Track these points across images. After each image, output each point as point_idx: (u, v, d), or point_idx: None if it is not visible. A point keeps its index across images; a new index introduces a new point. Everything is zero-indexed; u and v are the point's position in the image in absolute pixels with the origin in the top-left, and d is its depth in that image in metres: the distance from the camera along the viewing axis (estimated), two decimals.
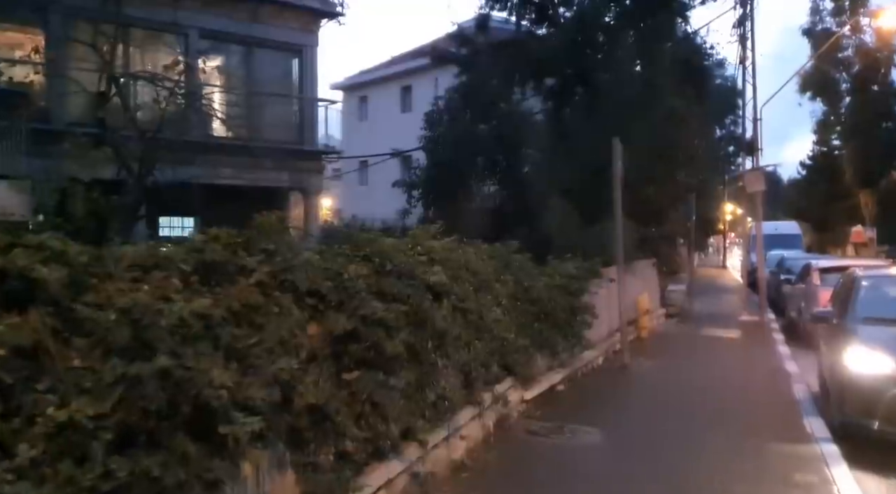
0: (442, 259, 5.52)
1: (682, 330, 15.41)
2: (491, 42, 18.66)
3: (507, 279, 7.08)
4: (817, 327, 9.94)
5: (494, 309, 6.24)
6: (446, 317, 5.15)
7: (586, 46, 17.65)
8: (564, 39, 17.04)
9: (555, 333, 8.50)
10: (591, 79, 17.15)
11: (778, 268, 20.90)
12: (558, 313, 8.42)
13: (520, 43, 18.34)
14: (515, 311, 7.32)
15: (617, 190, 10.92)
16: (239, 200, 17.19)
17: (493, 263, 6.83)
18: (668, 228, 16.72)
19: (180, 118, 15.62)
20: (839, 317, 8.41)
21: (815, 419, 7.97)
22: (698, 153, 16.78)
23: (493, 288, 6.47)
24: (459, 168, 15.70)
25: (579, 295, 9.57)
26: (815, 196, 48.94)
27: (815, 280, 14.48)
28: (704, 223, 34.16)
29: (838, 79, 43.10)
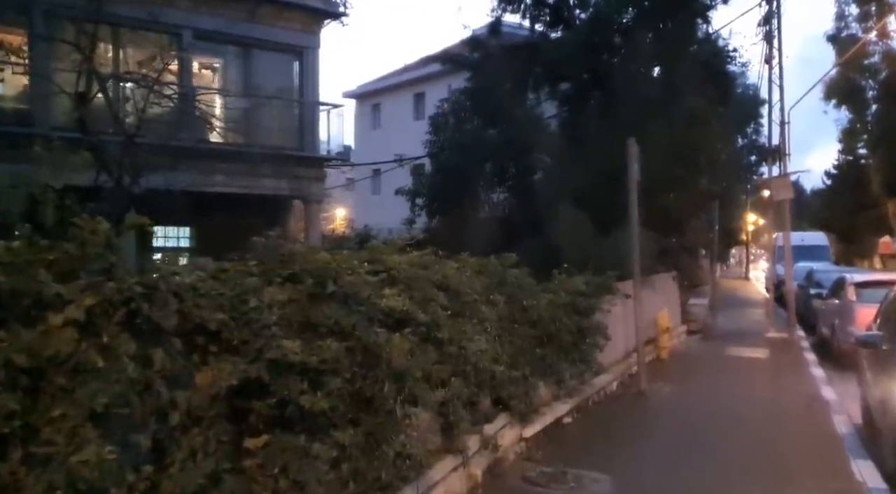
0: (407, 277, 4.38)
1: (705, 349, 14.09)
2: (504, 45, 17.62)
3: (500, 298, 5.90)
4: (860, 350, 8.68)
5: (478, 338, 5.06)
6: (411, 351, 4.02)
7: (602, 49, 16.50)
8: (579, 41, 15.89)
9: (560, 358, 7.31)
10: (607, 80, 15.98)
11: (806, 282, 19.47)
12: (564, 335, 7.23)
13: (533, 46, 17.27)
14: (511, 335, 6.15)
15: (633, 195, 9.71)
16: (237, 209, 16.27)
17: (481, 280, 5.67)
18: (689, 238, 15.41)
19: (171, 121, 14.72)
20: (890, 342, 7.14)
21: (864, 463, 6.69)
22: (721, 158, 15.48)
23: (480, 312, 5.30)
24: (466, 174, 14.55)
25: (589, 314, 8.37)
26: (840, 206, 47.15)
27: (850, 295, 13.13)
28: (727, 233, 32.72)
29: (865, 86, 41.38)
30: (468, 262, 5.76)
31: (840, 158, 47.96)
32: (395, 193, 16.32)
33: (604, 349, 9.06)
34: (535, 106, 16.93)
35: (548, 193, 13.88)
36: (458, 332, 4.71)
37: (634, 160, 9.57)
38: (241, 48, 15.88)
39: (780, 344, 15.01)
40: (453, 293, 5.00)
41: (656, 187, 14.05)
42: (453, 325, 4.69)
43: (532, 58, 16.90)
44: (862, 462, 6.72)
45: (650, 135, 13.14)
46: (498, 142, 15.43)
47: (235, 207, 15.37)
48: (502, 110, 15.61)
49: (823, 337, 15.07)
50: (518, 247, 14.24)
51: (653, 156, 13.50)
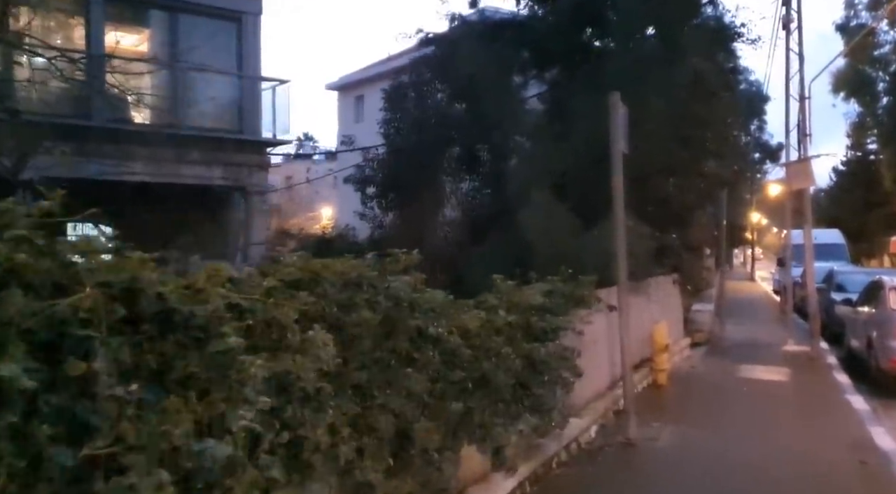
0: None
1: (713, 369, 11.35)
2: (487, 23, 15.01)
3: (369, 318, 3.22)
4: None
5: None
6: None
7: (593, 21, 13.83)
8: (567, 13, 13.23)
9: (498, 413, 4.63)
10: (597, 50, 13.33)
11: (826, 284, 16.67)
12: (502, 377, 4.55)
13: (519, 24, 14.65)
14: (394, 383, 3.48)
15: (617, 173, 7.02)
16: (168, 202, 13.63)
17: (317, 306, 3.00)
18: (693, 235, 12.68)
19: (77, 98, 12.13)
20: None
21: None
22: (732, 135, 12.72)
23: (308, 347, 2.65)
24: (427, 159, 11.88)
25: (552, 338, 5.68)
26: (849, 203, 44.23)
27: (892, 303, 10.38)
28: (732, 230, 29.94)
29: (875, 78, 38.51)
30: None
31: (849, 154, 45.08)
32: (344, 182, 13.65)
33: (578, 382, 6.41)
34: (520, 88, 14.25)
35: (523, 181, 11.18)
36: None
37: (621, 125, 6.88)
38: (168, 13, 13.25)
39: (801, 360, 12.26)
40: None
41: (653, 171, 11.37)
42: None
43: (518, 37, 14.29)
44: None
45: (646, 106, 10.46)
46: (468, 119, 12.75)
47: (166, 200, 12.75)
48: (475, 84, 12.92)
49: (854, 351, 12.31)
50: (487, 246, 11.66)
51: (650, 132, 10.81)
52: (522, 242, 10.20)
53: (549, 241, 9.76)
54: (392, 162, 12.44)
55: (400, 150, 12.22)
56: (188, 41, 13.09)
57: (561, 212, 10.46)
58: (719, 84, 11.57)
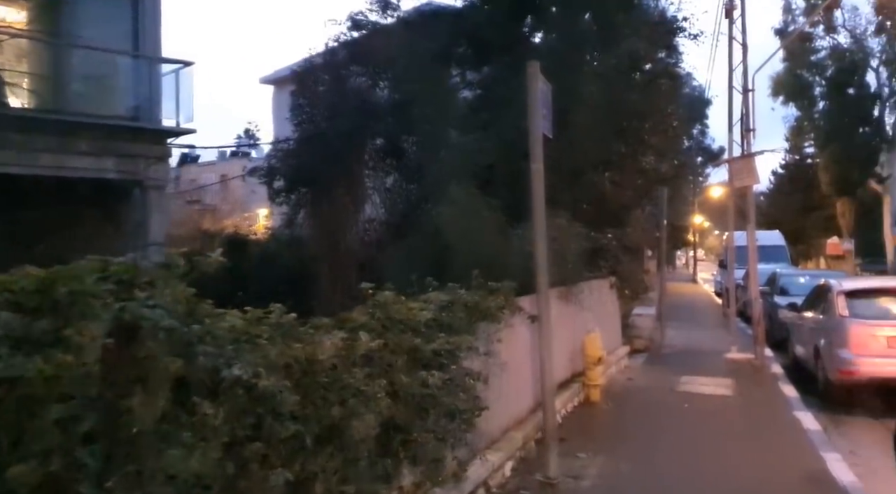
0: None
1: (652, 381, 10.32)
2: (423, 11, 13.80)
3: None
4: None
5: None
6: None
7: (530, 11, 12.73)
8: (504, 5, 12.08)
9: (356, 473, 3.38)
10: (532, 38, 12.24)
11: (769, 287, 15.95)
12: (361, 424, 3.30)
13: (455, 13, 13.48)
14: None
15: (536, 158, 5.85)
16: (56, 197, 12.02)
17: None
18: (631, 235, 11.68)
19: None
20: None
21: None
22: (672, 126, 11.77)
23: None
24: (345, 149, 10.55)
25: (449, 363, 4.45)
26: (787, 206, 44.61)
27: (840, 309, 9.49)
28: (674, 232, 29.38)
29: (812, 82, 38.70)
30: None
31: (787, 157, 45.47)
32: (249, 174, 12.21)
33: (495, 406, 5.23)
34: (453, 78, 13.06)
35: (448, 175, 9.97)
36: None
37: (541, 101, 5.71)
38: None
39: (746, 370, 11.37)
40: None
41: (589, 166, 10.30)
42: None
43: (453, 26, 13.11)
44: None
45: (582, 95, 9.40)
46: (394, 109, 11.49)
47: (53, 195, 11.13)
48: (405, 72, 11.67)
49: (799, 359, 11.48)
50: (407, 246, 10.41)
51: (585, 124, 9.74)
52: (444, 243, 9.00)
53: (472, 242, 8.57)
54: (303, 152, 11.07)
55: (312, 139, 10.85)
56: (74, 16, 11.50)
57: (487, 209, 9.29)
58: (657, 70, 10.59)
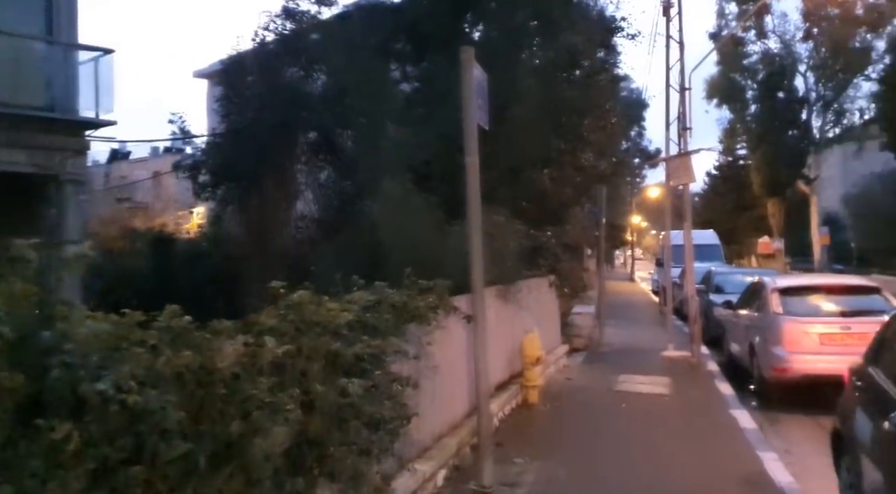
0: None
1: (590, 380, 10.18)
2: (362, 5, 13.34)
3: None
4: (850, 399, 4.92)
5: None
6: None
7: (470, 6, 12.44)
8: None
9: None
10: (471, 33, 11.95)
11: (704, 286, 16.13)
12: (266, 441, 2.92)
13: (395, 7, 13.09)
14: None
15: (472, 157, 5.55)
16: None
17: None
18: (571, 234, 11.54)
19: None
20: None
21: None
22: (611, 123, 11.68)
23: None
24: (275, 142, 10.05)
25: (374, 368, 4.10)
26: (721, 206, 45.87)
27: (774, 307, 9.54)
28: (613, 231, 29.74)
29: (745, 86, 39.81)
30: None
31: (721, 159, 46.72)
32: (173, 168, 11.57)
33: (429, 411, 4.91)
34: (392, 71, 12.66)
35: (384, 170, 9.58)
36: None
37: (476, 90, 5.41)
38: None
39: (682, 368, 11.36)
40: None
41: (528, 163, 10.09)
42: None
43: (393, 19, 12.72)
44: None
45: (519, 87, 9.16)
46: (328, 101, 11.05)
47: None
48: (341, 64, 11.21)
49: (734, 356, 11.56)
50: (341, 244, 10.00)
51: (524, 120, 9.52)
52: (379, 241, 8.62)
53: (408, 240, 8.23)
54: (230, 146, 10.51)
55: (240, 132, 10.30)
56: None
57: (424, 206, 8.96)
58: (596, 67, 10.47)
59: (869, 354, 4.67)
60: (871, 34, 33.13)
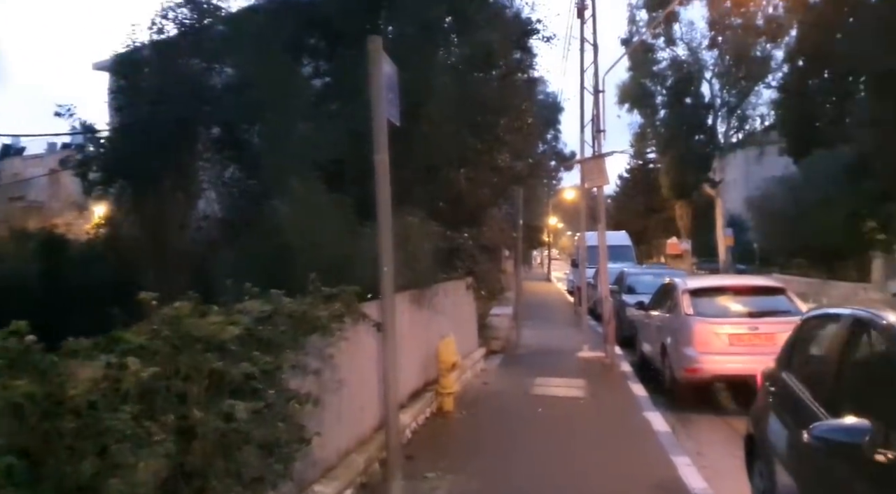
0: None
1: (507, 386, 10.01)
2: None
3: None
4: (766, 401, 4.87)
5: None
6: None
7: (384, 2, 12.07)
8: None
9: None
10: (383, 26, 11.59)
11: (617, 286, 16.35)
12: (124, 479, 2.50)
13: (310, 3, 12.53)
14: None
15: (382, 151, 5.21)
16: None
17: None
18: (488, 235, 11.36)
19: None
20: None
21: None
22: (528, 123, 11.60)
23: None
24: (175, 138, 9.39)
25: (267, 386, 3.69)
26: (632, 208, 47.24)
27: (685, 308, 9.63)
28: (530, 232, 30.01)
29: (654, 91, 41.05)
30: None
31: (632, 162, 48.11)
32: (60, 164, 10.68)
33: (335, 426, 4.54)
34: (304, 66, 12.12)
35: (291, 168, 9.09)
36: None
37: (385, 80, 5.07)
38: None
39: (597, 369, 11.38)
40: None
41: (443, 162, 9.83)
42: None
43: (306, 13, 12.18)
44: None
45: (434, 85, 8.89)
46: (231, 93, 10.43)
47: None
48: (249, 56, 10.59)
49: (646, 356, 11.69)
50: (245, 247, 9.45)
51: (440, 118, 9.26)
52: (286, 244, 8.14)
53: (317, 243, 7.79)
54: (124, 140, 9.75)
55: (135, 126, 9.56)
56: None
57: (335, 206, 8.54)
58: (512, 66, 10.33)
59: (781, 359, 4.62)
60: (770, 44, 34.75)
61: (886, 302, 14.67)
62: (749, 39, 34.67)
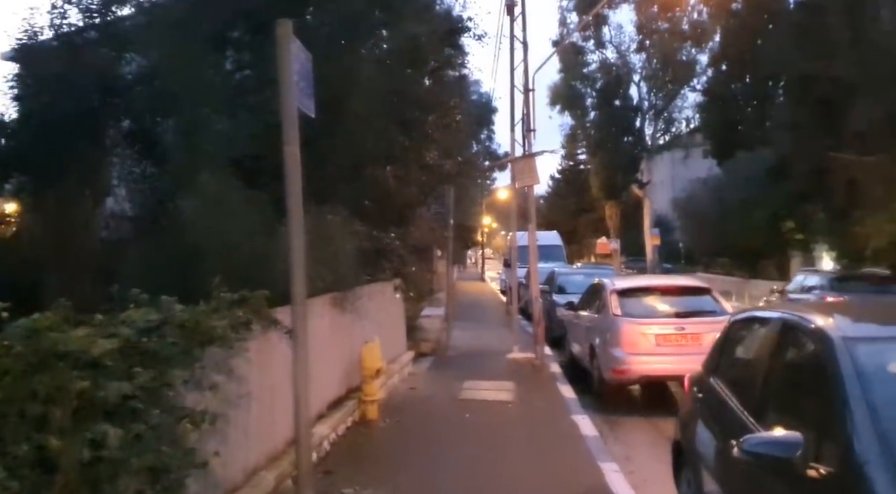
0: None
1: (435, 390, 9.71)
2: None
3: None
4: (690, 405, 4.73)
5: None
6: None
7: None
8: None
9: None
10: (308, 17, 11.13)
11: (548, 286, 16.31)
12: None
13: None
14: None
15: (292, 144, 4.81)
16: None
17: None
18: (416, 235, 11.05)
19: None
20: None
21: None
22: (457, 119, 11.34)
23: None
24: (76, 129, 8.69)
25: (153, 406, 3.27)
26: (563, 208, 47.83)
27: (614, 308, 9.57)
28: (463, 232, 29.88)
29: (584, 93, 41.60)
30: None
31: (563, 163, 48.70)
32: None
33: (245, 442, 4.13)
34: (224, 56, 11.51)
35: (206, 163, 8.54)
36: None
37: (296, 66, 4.67)
38: None
39: (526, 371, 11.22)
40: None
41: (369, 159, 9.46)
42: None
43: (233, 6, 11.55)
44: None
45: (359, 78, 8.51)
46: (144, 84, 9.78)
47: None
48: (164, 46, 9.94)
49: (575, 357, 11.62)
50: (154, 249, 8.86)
51: (364, 113, 8.87)
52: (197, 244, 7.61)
53: (231, 243, 7.29)
54: (22, 133, 8.98)
55: (34, 117, 8.80)
56: None
57: (251, 204, 8.05)
58: (441, 61, 10.05)
59: (709, 364, 4.47)
60: (695, 49, 35.67)
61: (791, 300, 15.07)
62: (675, 44, 35.51)
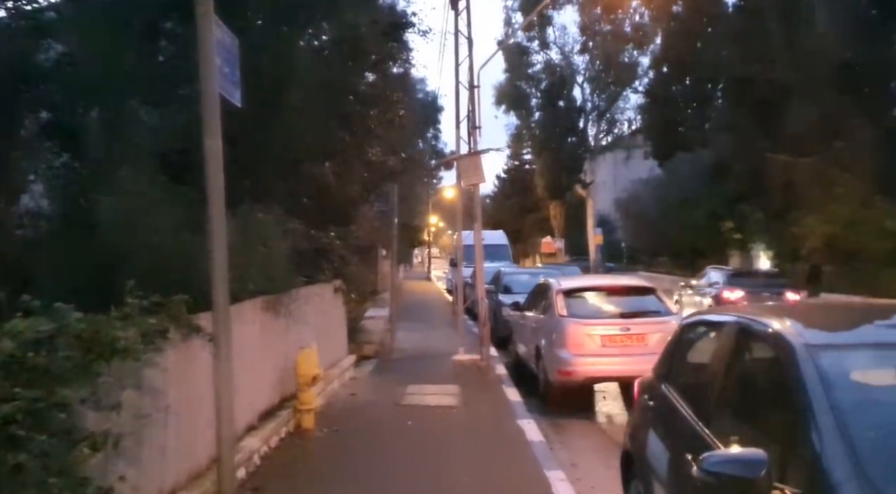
0: None
1: (377, 396, 9.32)
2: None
3: None
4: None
5: None
6: None
7: None
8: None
9: None
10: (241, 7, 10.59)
11: (494, 286, 16.10)
12: None
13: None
14: None
15: (213, 137, 4.38)
16: None
17: None
18: (357, 234, 10.64)
19: None
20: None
21: None
22: (400, 114, 10.97)
23: None
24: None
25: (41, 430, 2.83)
26: (509, 208, 47.93)
27: (559, 308, 9.37)
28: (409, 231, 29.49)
29: (530, 94, 41.73)
30: None
31: (509, 163, 48.80)
32: None
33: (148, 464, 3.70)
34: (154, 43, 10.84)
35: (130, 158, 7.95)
36: None
37: (218, 50, 4.24)
38: None
39: (472, 373, 10.95)
40: None
41: (307, 155, 9.03)
42: None
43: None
44: None
45: (296, 69, 8.07)
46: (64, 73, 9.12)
47: None
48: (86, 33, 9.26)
49: (521, 358, 11.42)
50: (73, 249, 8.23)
51: (302, 106, 8.44)
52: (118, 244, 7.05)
53: (154, 243, 6.76)
54: None
55: None
56: None
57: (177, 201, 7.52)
58: (384, 54, 9.68)
59: (660, 370, 4.25)
60: (637, 51, 36.17)
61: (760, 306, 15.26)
62: (618, 45, 35.92)
